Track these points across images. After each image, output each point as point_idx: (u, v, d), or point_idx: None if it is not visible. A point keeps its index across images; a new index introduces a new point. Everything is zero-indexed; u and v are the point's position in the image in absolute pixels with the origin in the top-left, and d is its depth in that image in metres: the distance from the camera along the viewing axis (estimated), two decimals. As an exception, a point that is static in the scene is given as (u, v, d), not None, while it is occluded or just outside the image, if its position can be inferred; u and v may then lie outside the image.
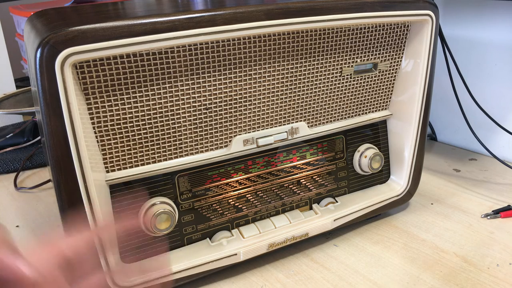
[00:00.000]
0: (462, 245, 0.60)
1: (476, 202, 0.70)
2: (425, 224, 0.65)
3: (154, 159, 0.50)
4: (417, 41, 0.60)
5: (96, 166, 0.46)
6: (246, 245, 0.55)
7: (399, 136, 0.65)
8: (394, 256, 0.58)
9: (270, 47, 0.51)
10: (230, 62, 0.50)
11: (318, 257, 0.59)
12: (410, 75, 0.62)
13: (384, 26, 0.58)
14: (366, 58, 0.58)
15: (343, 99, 0.59)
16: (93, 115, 0.45)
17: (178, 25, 0.44)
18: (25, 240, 0.60)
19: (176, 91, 0.48)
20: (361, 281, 0.54)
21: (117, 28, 0.42)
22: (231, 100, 0.51)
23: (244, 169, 0.56)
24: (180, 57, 0.47)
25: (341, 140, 0.62)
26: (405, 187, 0.66)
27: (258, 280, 0.55)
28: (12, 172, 0.87)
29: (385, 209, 0.65)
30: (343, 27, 0.55)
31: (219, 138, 0.52)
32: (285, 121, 0.56)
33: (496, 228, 0.63)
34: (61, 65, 0.40)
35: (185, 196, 0.53)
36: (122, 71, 0.45)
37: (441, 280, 0.54)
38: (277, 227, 0.57)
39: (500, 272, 0.55)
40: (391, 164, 0.67)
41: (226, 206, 0.56)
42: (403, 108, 0.63)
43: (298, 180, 0.60)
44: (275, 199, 0.59)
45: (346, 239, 0.63)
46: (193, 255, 0.53)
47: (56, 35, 0.40)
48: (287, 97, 0.55)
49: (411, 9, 0.57)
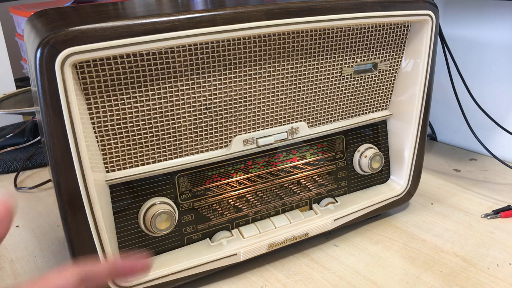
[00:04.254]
0: (462, 245, 0.60)
1: (476, 202, 0.70)
2: (425, 224, 0.65)
3: (154, 159, 0.50)
4: (417, 41, 0.60)
5: (96, 166, 0.46)
6: (246, 245, 0.55)
7: (399, 136, 0.65)
8: (394, 256, 0.58)
9: (270, 47, 0.51)
10: (230, 62, 0.50)
11: (318, 257, 0.59)
12: (410, 75, 0.62)
13: (384, 26, 0.58)
14: (366, 58, 0.58)
15: (343, 99, 0.59)
16: (93, 115, 0.45)
17: (178, 25, 0.44)
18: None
19: (176, 91, 0.48)
20: (361, 281, 0.54)
21: (117, 28, 0.42)
22: (231, 100, 0.51)
23: (244, 169, 0.56)
24: (180, 57, 0.47)
25: (341, 140, 0.62)
26: (405, 187, 0.66)
27: (258, 280, 0.55)
28: (12, 172, 0.87)
29: (385, 209, 0.65)
30: (343, 27, 0.55)
31: (219, 138, 0.52)
32: (285, 121, 0.56)
33: (496, 228, 0.63)
34: (61, 65, 0.40)
35: (185, 196, 0.53)
36: (122, 71, 0.45)
37: (441, 280, 0.54)
38: (277, 227, 0.57)
39: (500, 272, 0.55)
40: (391, 164, 0.67)
41: (226, 206, 0.56)
42: (403, 108, 0.63)
43: (298, 180, 0.60)
44: (275, 199, 0.59)
45: (346, 239, 0.63)
46: (193, 255, 0.53)
47: (56, 35, 0.40)
48: (287, 97, 0.55)
49: (411, 9, 0.57)
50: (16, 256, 0.62)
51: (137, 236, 0.51)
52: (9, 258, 0.62)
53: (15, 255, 0.62)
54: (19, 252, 0.63)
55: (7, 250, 0.64)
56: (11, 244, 0.65)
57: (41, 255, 0.62)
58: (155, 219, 0.49)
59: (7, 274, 0.58)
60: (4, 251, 0.63)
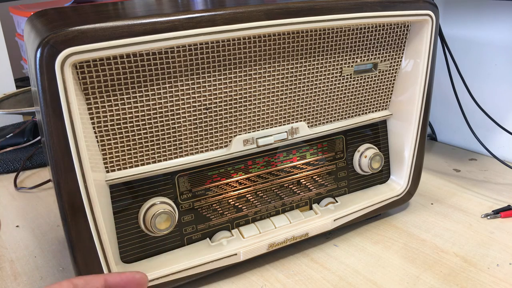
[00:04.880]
0: (462, 245, 0.60)
1: (476, 202, 0.70)
2: (425, 224, 0.65)
3: (154, 159, 0.50)
4: (417, 41, 0.60)
5: (96, 166, 0.46)
6: (246, 245, 0.55)
7: (399, 136, 0.65)
8: (394, 256, 0.58)
9: (270, 47, 0.51)
10: (230, 62, 0.50)
11: (318, 257, 0.59)
12: (410, 75, 0.62)
13: (384, 26, 0.58)
14: (366, 58, 0.58)
15: (343, 99, 0.59)
16: (93, 115, 0.45)
17: (178, 25, 0.44)
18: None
19: (176, 91, 0.48)
20: (361, 281, 0.54)
21: (117, 28, 0.42)
22: (231, 100, 0.51)
23: (244, 169, 0.56)
24: (180, 57, 0.47)
25: (341, 140, 0.62)
26: (405, 187, 0.66)
27: (258, 280, 0.55)
28: (12, 172, 0.87)
29: (385, 209, 0.65)
30: (343, 27, 0.55)
31: (219, 138, 0.52)
32: (285, 121, 0.56)
33: (496, 228, 0.63)
34: (61, 65, 0.40)
35: (185, 196, 0.53)
36: (122, 71, 0.45)
37: (441, 280, 0.54)
38: (277, 227, 0.57)
39: (500, 272, 0.55)
40: (391, 164, 0.67)
41: (226, 206, 0.56)
42: (403, 108, 0.63)
43: (298, 180, 0.60)
44: (275, 199, 0.59)
45: (346, 239, 0.63)
46: (193, 255, 0.53)
47: (56, 35, 0.40)
48: (287, 97, 0.55)
49: (411, 9, 0.57)
50: (16, 256, 0.62)
51: (137, 236, 0.51)
52: (9, 258, 0.62)
53: (15, 255, 0.62)
54: (19, 252, 0.63)
55: (7, 250, 0.64)
56: (11, 244, 0.65)
57: (41, 255, 0.62)
58: (155, 219, 0.49)
59: (7, 274, 0.58)
60: (4, 251, 0.63)
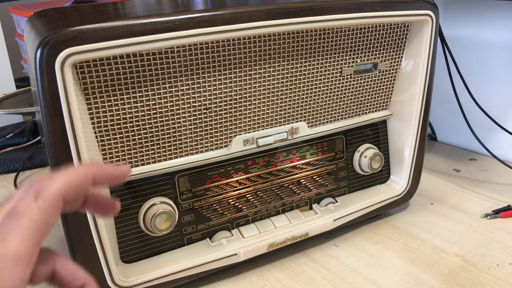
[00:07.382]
0: (462, 245, 0.60)
1: (476, 202, 0.70)
2: (425, 224, 0.65)
3: (154, 159, 0.50)
4: (417, 41, 0.60)
5: (96, 166, 0.46)
6: (246, 245, 0.55)
7: (399, 136, 0.65)
8: (394, 256, 0.58)
9: (270, 47, 0.51)
10: (230, 62, 0.50)
11: (318, 257, 0.59)
12: (410, 75, 0.62)
13: (384, 26, 0.58)
14: (366, 58, 0.58)
15: (343, 99, 0.59)
16: (93, 115, 0.45)
17: (178, 25, 0.44)
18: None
19: (176, 91, 0.48)
20: (361, 281, 0.54)
21: (117, 28, 0.42)
22: (231, 100, 0.51)
23: (244, 169, 0.56)
24: (180, 57, 0.47)
25: (341, 140, 0.62)
26: (405, 187, 0.66)
27: (258, 280, 0.55)
28: (12, 172, 0.87)
29: (385, 209, 0.65)
30: (343, 27, 0.55)
31: (219, 138, 0.52)
32: (285, 121, 0.56)
33: (496, 228, 0.63)
34: (61, 65, 0.40)
35: (185, 196, 0.53)
36: (122, 71, 0.45)
37: (441, 280, 0.54)
38: (277, 227, 0.57)
39: (500, 272, 0.55)
40: (391, 164, 0.67)
41: (226, 206, 0.56)
42: (403, 108, 0.63)
43: (298, 180, 0.60)
44: (275, 199, 0.59)
45: (346, 239, 0.63)
46: (193, 255, 0.53)
47: (56, 35, 0.40)
48: (287, 97, 0.55)
49: (411, 9, 0.57)
50: (16, 256, 0.62)
51: (137, 236, 0.51)
52: (9, 258, 0.62)
53: (15, 255, 0.62)
54: (19, 252, 0.63)
55: (7, 250, 0.64)
56: (11, 244, 0.65)
57: (41, 255, 0.62)
58: (155, 219, 0.49)
59: (7, 274, 0.58)
60: (4, 251, 0.63)
